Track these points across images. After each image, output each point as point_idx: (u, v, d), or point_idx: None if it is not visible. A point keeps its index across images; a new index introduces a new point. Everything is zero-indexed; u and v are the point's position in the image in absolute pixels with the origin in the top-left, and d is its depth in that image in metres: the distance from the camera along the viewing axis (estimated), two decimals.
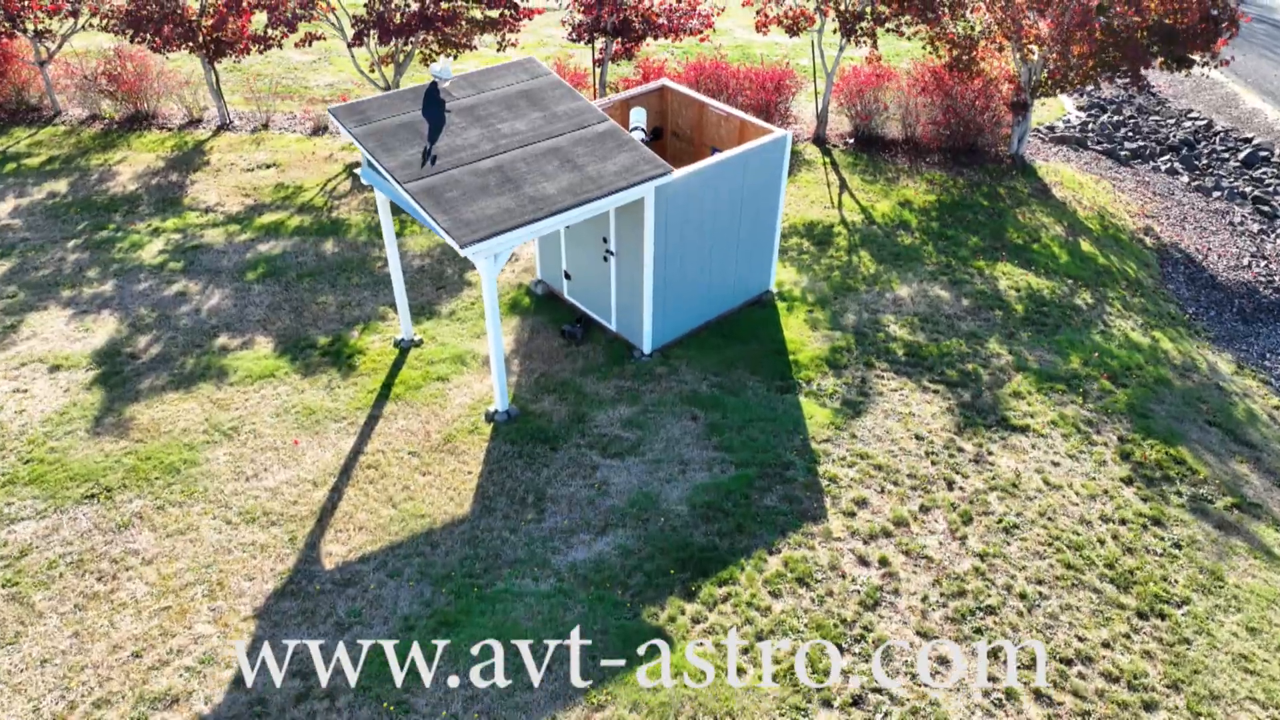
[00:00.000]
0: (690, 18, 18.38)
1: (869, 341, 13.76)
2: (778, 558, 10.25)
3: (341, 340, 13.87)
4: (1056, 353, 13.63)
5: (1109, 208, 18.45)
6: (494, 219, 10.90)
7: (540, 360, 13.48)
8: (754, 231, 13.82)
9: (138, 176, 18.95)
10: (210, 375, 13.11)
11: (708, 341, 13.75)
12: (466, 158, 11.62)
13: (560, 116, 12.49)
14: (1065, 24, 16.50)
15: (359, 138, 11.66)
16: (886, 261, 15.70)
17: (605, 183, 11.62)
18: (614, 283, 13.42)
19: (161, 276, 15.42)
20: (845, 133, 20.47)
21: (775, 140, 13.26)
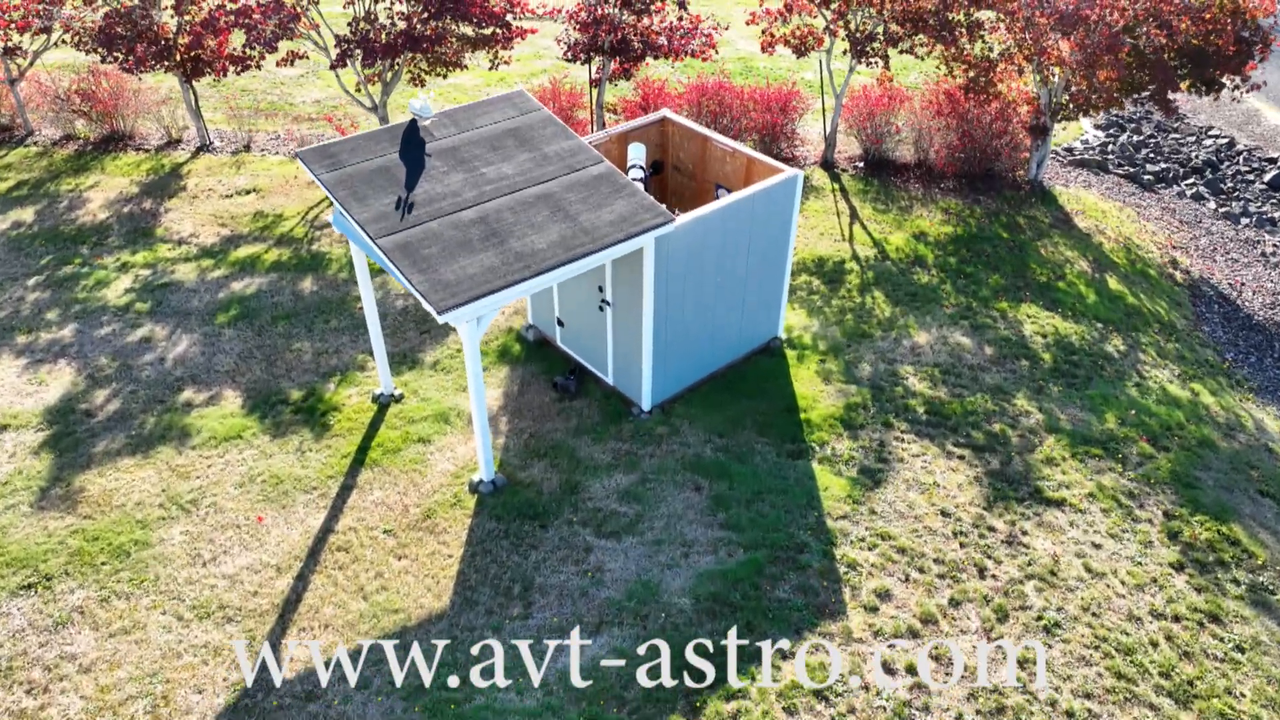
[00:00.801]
0: (692, 37, 17.09)
1: (886, 397, 12.50)
2: (792, 663, 9.00)
3: (316, 394, 12.62)
4: (1090, 410, 12.37)
5: (1135, 238, 17.18)
6: (476, 280, 9.63)
7: (530, 418, 12.23)
8: (762, 276, 12.57)
9: (109, 204, 17.68)
10: (171, 437, 11.86)
11: (712, 396, 12.50)
12: (447, 207, 10.35)
13: (551, 158, 11.21)
14: (1091, 46, 15.21)
15: (328, 186, 10.39)
16: (902, 303, 14.43)
17: (600, 235, 10.35)
18: (610, 333, 12.18)
19: (126, 319, 14.16)
20: (854, 156, 19.19)
21: (785, 181, 11.99)
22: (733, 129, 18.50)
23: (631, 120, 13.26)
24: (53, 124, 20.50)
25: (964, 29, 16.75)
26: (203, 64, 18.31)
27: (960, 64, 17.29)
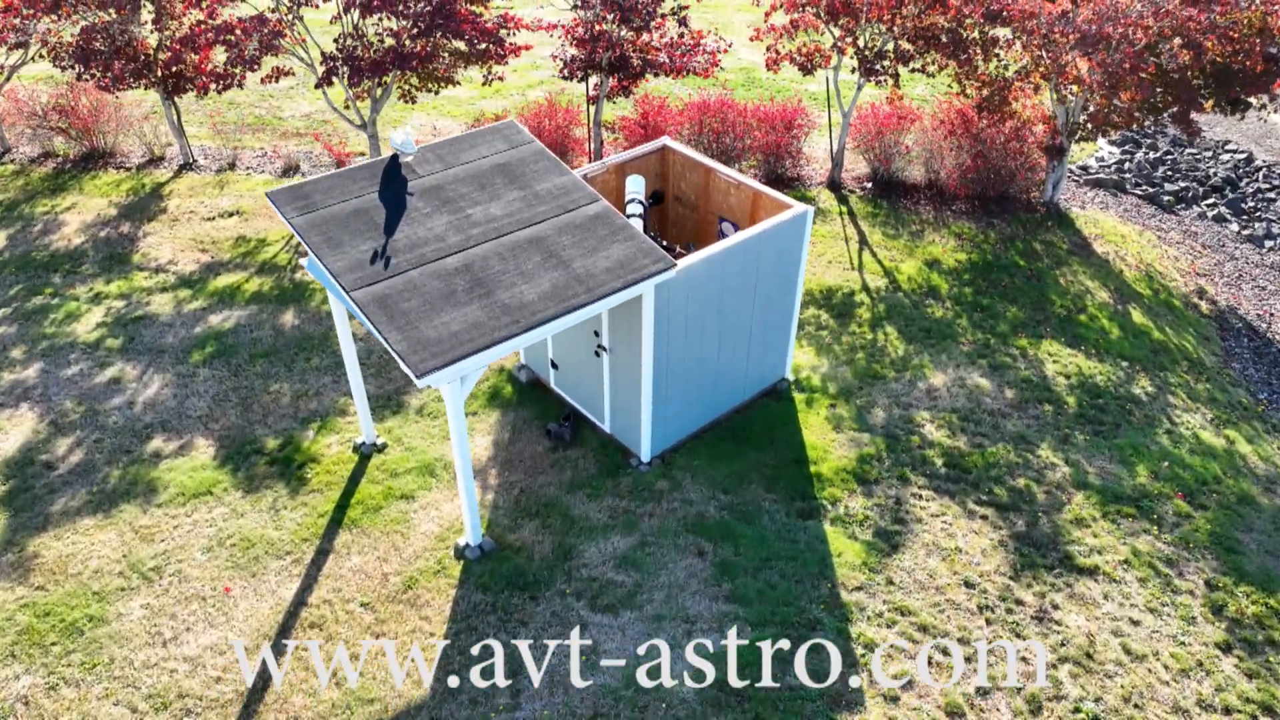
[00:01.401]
0: (694, 54, 16.13)
1: (902, 447, 11.57)
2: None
3: (294, 443, 11.69)
4: (1120, 462, 11.44)
5: (1157, 265, 16.24)
6: (459, 337, 8.69)
7: (522, 469, 11.30)
8: (769, 317, 11.65)
9: (85, 227, 16.74)
10: (136, 493, 10.93)
11: (716, 445, 11.57)
12: (430, 254, 9.41)
13: (543, 197, 10.27)
14: (1113, 66, 14.25)
15: (301, 230, 9.44)
16: (916, 340, 13.49)
17: (596, 283, 9.41)
18: (607, 379, 11.25)
19: (95, 358, 13.22)
20: (862, 175, 18.24)
21: (794, 219, 11.06)
22: (735, 148, 17.55)
23: (630, 150, 12.31)
24: (30, 141, 19.57)
25: (978, 46, 15.79)
26: (184, 80, 17.36)
27: (974, 82, 16.34)
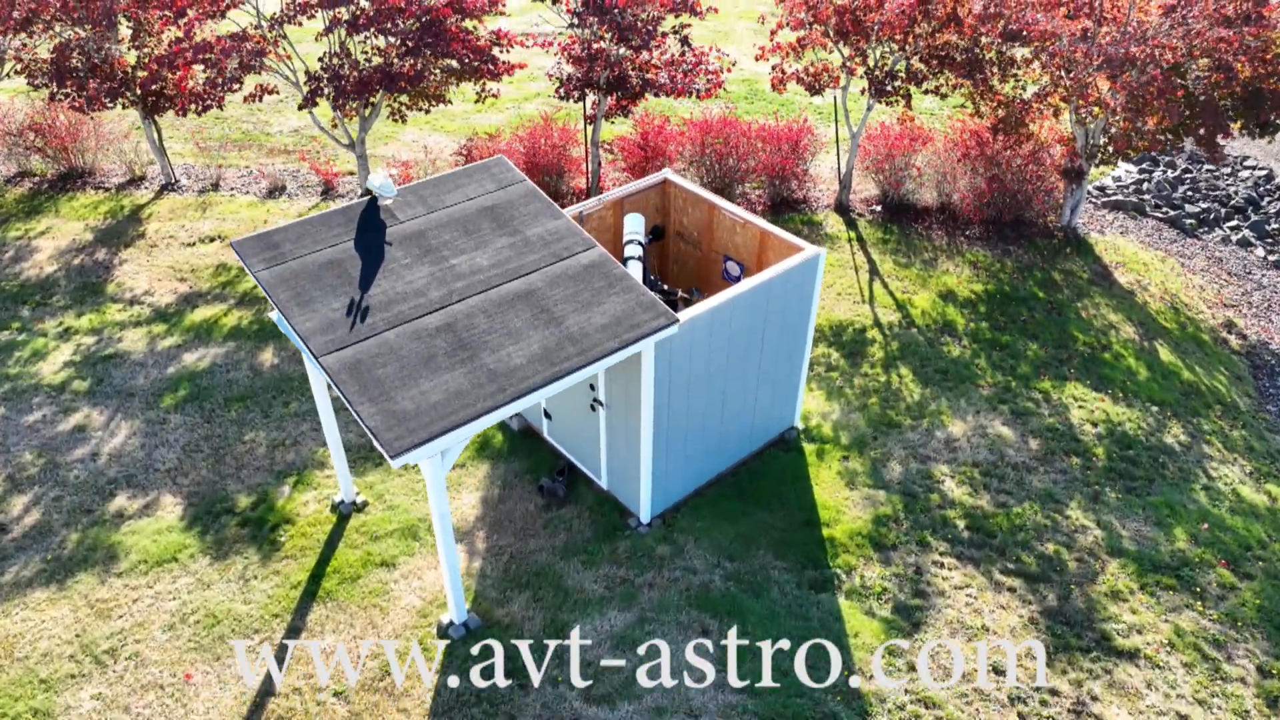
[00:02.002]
0: (696, 74, 15.16)
1: (920, 506, 10.64)
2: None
3: (267, 501, 10.76)
4: (1155, 523, 10.52)
5: (1181, 295, 15.30)
6: (439, 408, 7.75)
7: (512, 532, 10.37)
8: (778, 365, 10.74)
9: (59, 254, 15.80)
10: (95, 560, 10.00)
11: (721, 504, 10.65)
12: (408, 311, 8.47)
13: (534, 244, 9.33)
14: (1140, 89, 13.30)
15: (268, 286, 8.50)
16: (933, 382, 12.55)
17: (590, 343, 8.47)
18: (604, 434, 10.33)
19: (60, 402, 12.28)
20: (871, 198, 17.30)
21: (805, 263, 10.13)
22: (739, 170, 16.60)
23: (628, 184, 11.36)
24: (5, 160, 18.63)
25: (995, 66, 14.83)
26: (164, 100, 16.41)
27: (989, 102, 15.39)
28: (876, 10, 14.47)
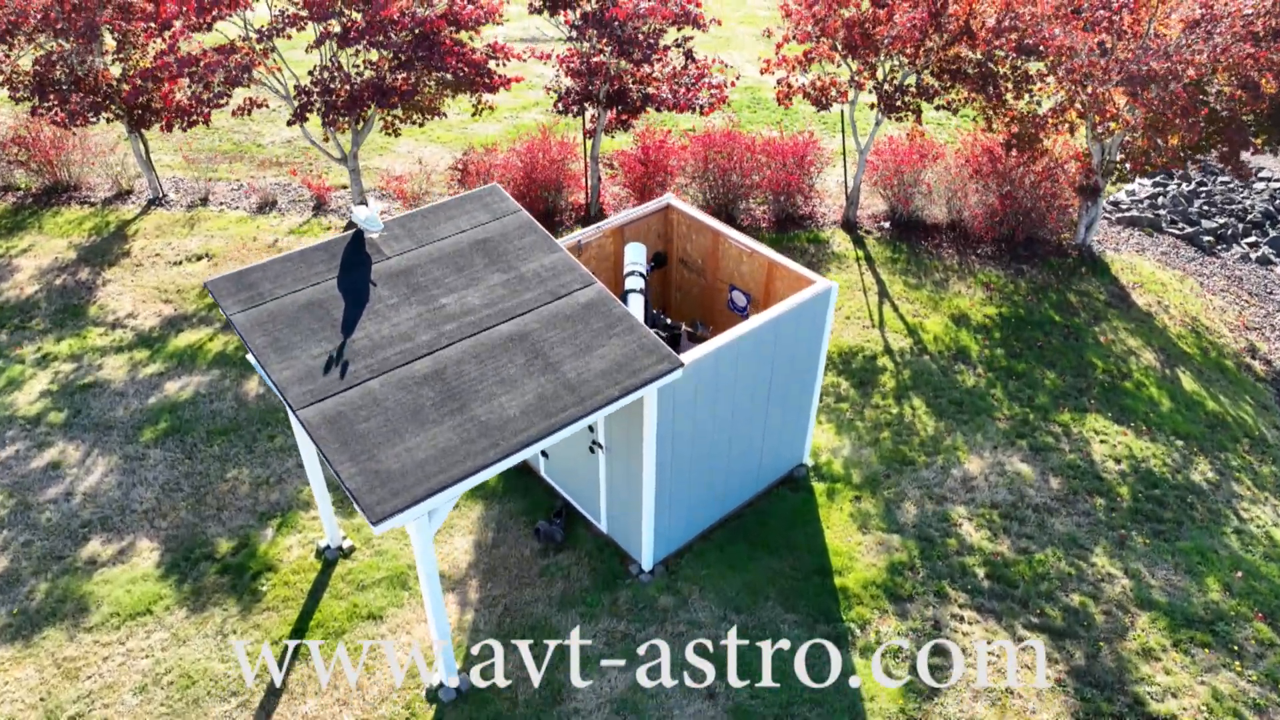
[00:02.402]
0: (698, 88, 14.51)
1: (938, 552, 10.01)
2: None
3: (249, 546, 10.13)
4: (1186, 571, 9.89)
5: (1202, 318, 14.67)
6: (425, 467, 7.11)
7: (505, 580, 9.75)
8: (787, 402, 10.12)
9: (41, 273, 15.16)
10: (64, 613, 9.37)
11: (727, 549, 10.03)
12: (394, 358, 7.82)
13: (529, 280, 8.68)
14: (1161, 107, 12.65)
15: (244, 330, 7.86)
16: (947, 415, 11.92)
17: (589, 391, 7.83)
18: (603, 476, 9.70)
19: (35, 436, 11.65)
20: (879, 214, 16.65)
21: (816, 297, 9.49)
22: (743, 186, 15.96)
23: (629, 210, 10.72)
24: None
25: (1009, 82, 14.18)
26: (150, 113, 15.76)
27: (1002, 117, 14.74)
28: (886, 24, 13.82)
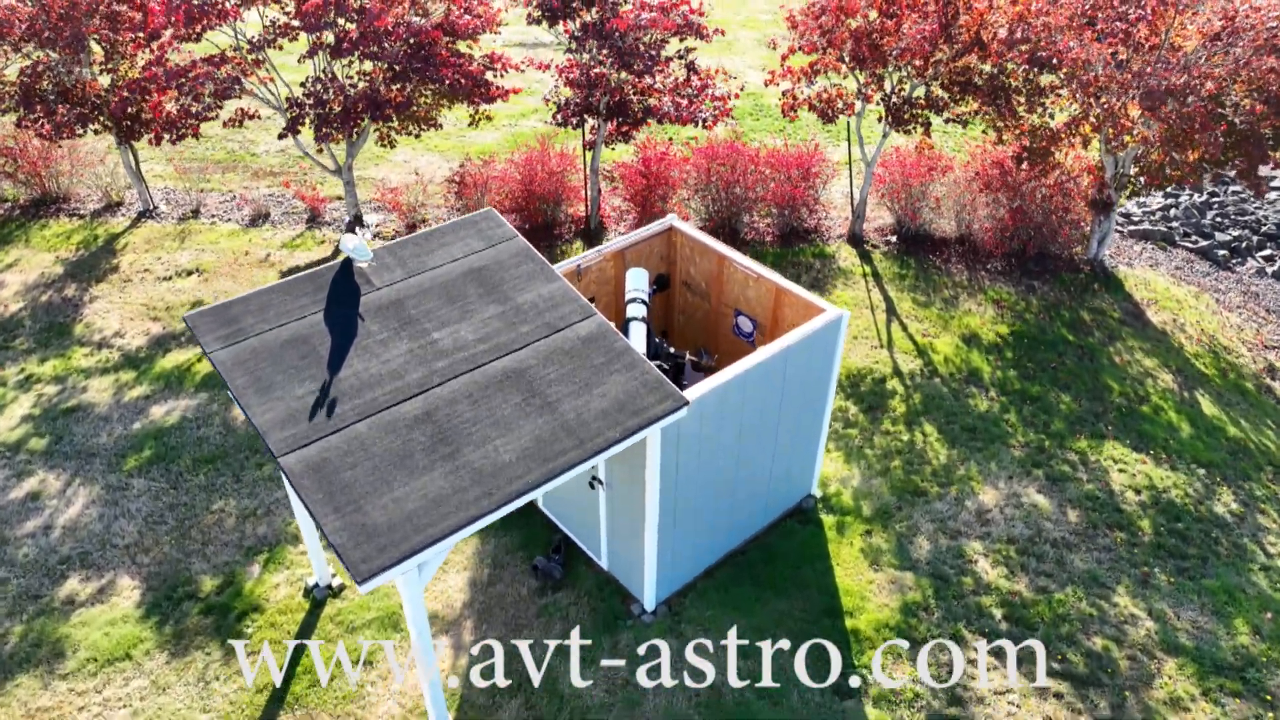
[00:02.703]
0: (701, 101, 14.01)
1: (953, 591, 9.54)
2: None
3: (235, 583, 9.66)
4: (1213, 612, 9.41)
5: (1220, 337, 14.19)
6: (415, 519, 6.63)
7: (502, 621, 9.28)
8: (796, 434, 9.67)
9: (26, 290, 14.69)
10: (40, 658, 8.90)
11: (733, 588, 9.56)
12: (383, 398, 7.33)
13: (526, 312, 8.19)
14: (1182, 122, 12.15)
15: (224, 369, 7.37)
16: (960, 442, 11.44)
17: (589, 433, 7.35)
18: (604, 512, 9.24)
19: (15, 464, 11.18)
20: (885, 227, 16.18)
21: (826, 327, 9.01)
22: (746, 199, 15.47)
23: (631, 233, 10.28)
24: None
25: (1022, 95, 13.68)
26: (139, 125, 15.27)
27: (1013, 129, 14.25)
28: (895, 35, 13.32)
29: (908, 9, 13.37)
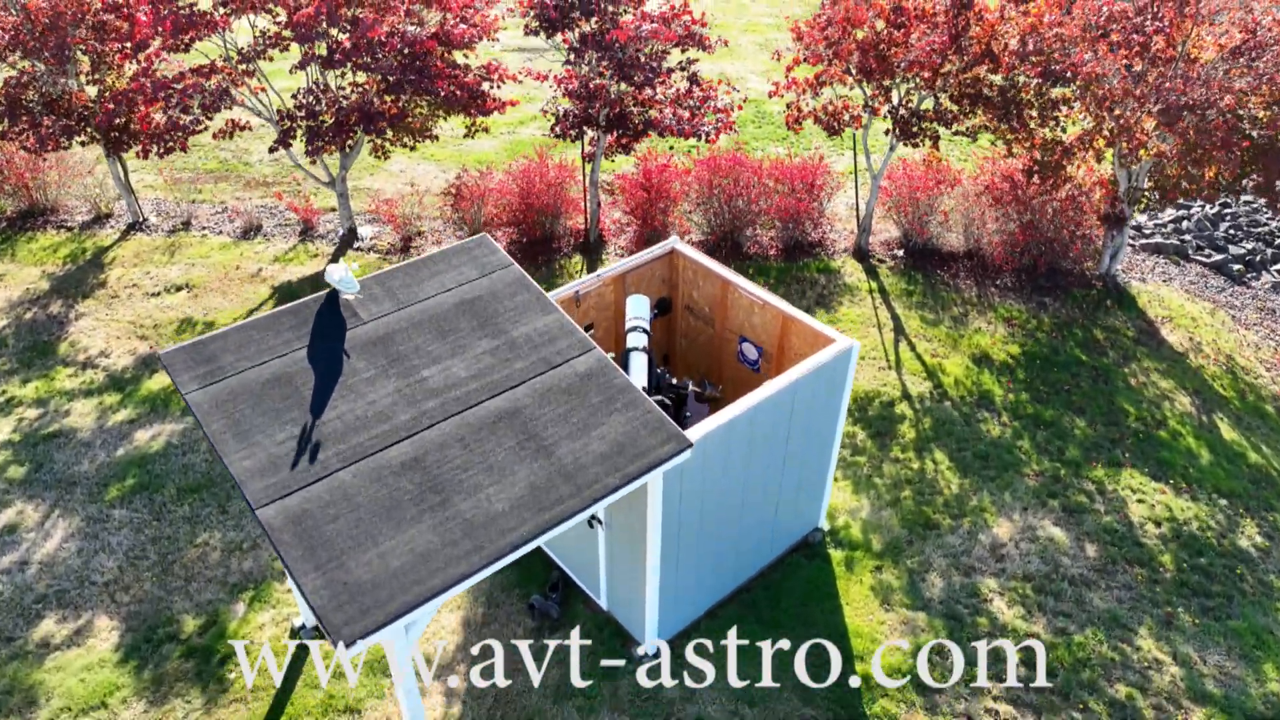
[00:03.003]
0: (703, 113, 13.54)
1: (967, 633, 9.06)
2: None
3: (218, 623, 9.19)
4: (1240, 656, 8.94)
5: (1238, 357, 13.72)
6: (401, 577, 6.16)
7: (497, 666, 8.79)
8: (803, 468, 9.23)
9: (10, 306, 14.23)
10: (10, 708, 8.44)
11: (738, 629, 9.06)
12: (369, 443, 6.87)
13: (521, 347, 7.72)
14: (1201, 138, 11.69)
15: (200, 412, 6.90)
16: (972, 470, 10.98)
17: (587, 479, 6.89)
18: (603, 552, 8.79)
19: None
20: (891, 240, 15.71)
21: (836, 358, 8.54)
22: (749, 213, 15.01)
23: (631, 256, 9.85)
24: None
25: (1034, 109, 13.21)
26: (128, 136, 14.81)
27: (1025, 144, 13.78)
28: (903, 46, 12.85)
29: (916, 20, 12.90)
